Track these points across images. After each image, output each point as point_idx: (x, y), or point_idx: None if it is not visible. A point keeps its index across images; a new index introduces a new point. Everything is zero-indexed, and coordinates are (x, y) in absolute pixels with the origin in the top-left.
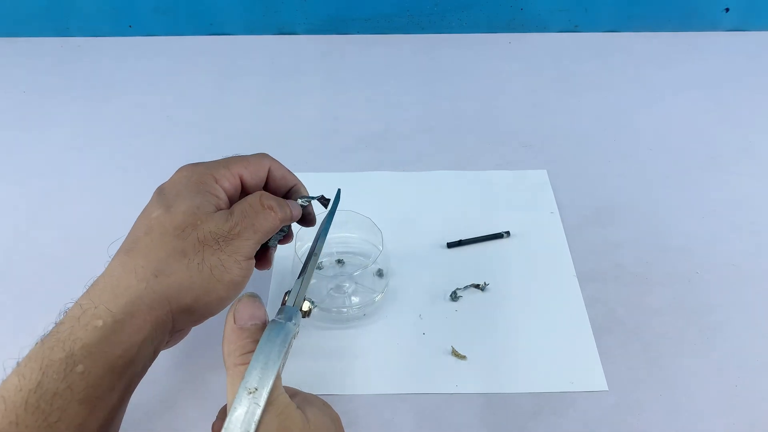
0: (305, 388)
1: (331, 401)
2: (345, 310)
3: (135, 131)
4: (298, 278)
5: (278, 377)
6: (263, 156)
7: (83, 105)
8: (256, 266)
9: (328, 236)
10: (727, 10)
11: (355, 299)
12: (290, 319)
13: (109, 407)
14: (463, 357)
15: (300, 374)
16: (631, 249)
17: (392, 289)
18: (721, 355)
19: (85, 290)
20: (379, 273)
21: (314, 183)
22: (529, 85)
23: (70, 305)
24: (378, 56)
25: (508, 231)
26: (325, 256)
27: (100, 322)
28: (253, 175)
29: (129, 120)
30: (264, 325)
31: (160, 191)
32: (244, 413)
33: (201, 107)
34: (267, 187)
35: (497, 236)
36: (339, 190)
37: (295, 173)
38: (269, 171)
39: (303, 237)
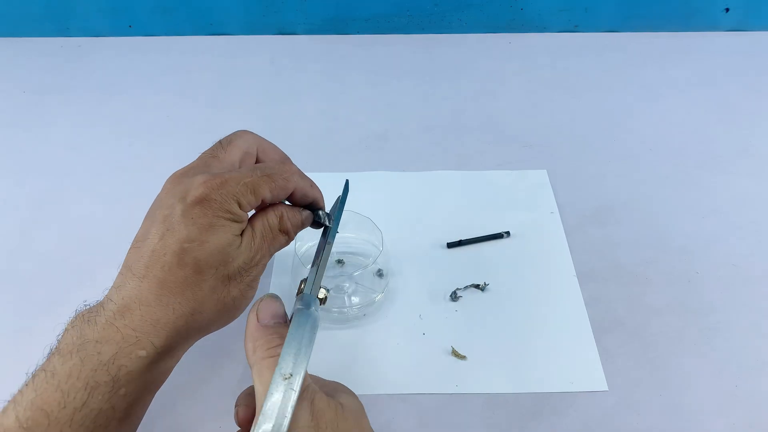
0: None
1: None
2: (345, 310)
3: (135, 131)
4: (312, 266)
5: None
6: (291, 174)
7: (83, 105)
8: None
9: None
10: (727, 10)
11: (354, 299)
12: (310, 307)
13: (139, 420)
14: (463, 357)
15: None
16: (631, 249)
17: (392, 290)
18: (721, 355)
19: (110, 302)
20: (379, 273)
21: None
22: (529, 85)
23: (83, 306)
24: (378, 56)
25: (508, 231)
26: None
27: (143, 353)
28: (275, 197)
29: (129, 120)
30: (285, 323)
31: (185, 213)
32: (281, 399)
33: (201, 107)
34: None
35: (497, 236)
36: (347, 181)
37: None
38: (293, 191)
39: (303, 237)
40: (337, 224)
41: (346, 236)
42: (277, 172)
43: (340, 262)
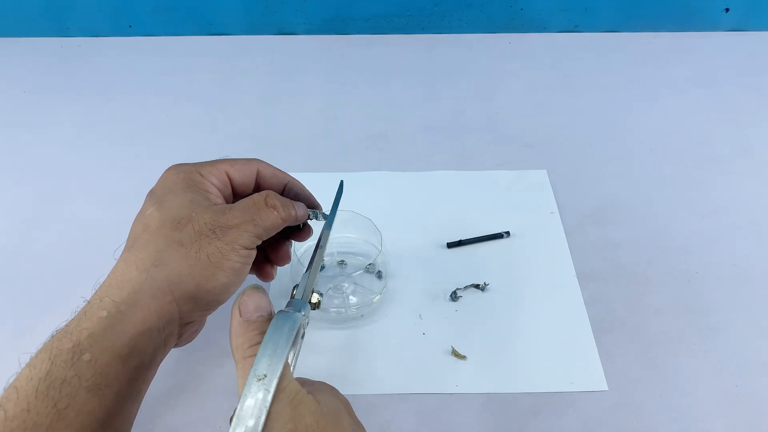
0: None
1: None
2: (343, 310)
3: (135, 131)
4: (306, 272)
5: (287, 366)
6: (251, 159)
7: (83, 105)
8: (276, 262)
9: (331, 236)
10: (727, 10)
11: (353, 299)
12: (299, 311)
13: (116, 395)
14: (463, 357)
15: (300, 374)
16: (631, 249)
17: (392, 289)
18: (721, 355)
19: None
20: (378, 274)
21: (314, 183)
22: (529, 85)
23: (81, 305)
24: (378, 56)
25: (508, 231)
26: (327, 257)
27: (104, 313)
28: (241, 174)
29: (129, 120)
30: (270, 317)
31: (152, 193)
32: (255, 400)
33: (201, 107)
34: (260, 187)
35: (497, 236)
36: (342, 182)
37: (295, 173)
38: (258, 171)
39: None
40: (330, 227)
41: (347, 237)
42: (238, 158)
43: (342, 263)
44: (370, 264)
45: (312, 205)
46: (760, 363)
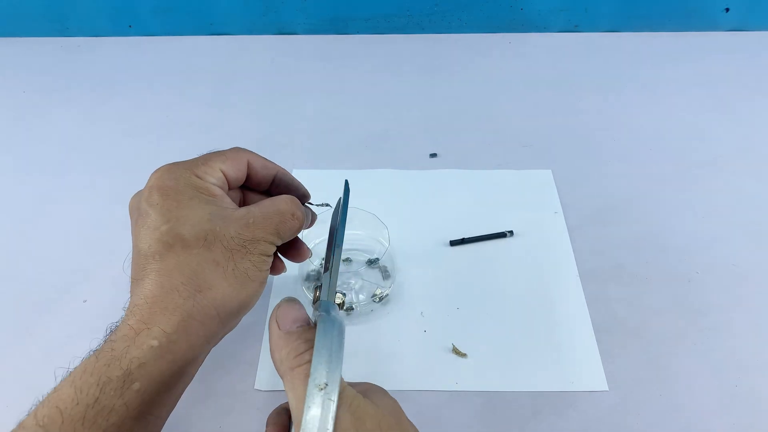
0: None
1: None
2: (354, 306)
3: (135, 131)
4: (325, 272)
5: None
6: (239, 149)
7: (83, 105)
8: (294, 259)
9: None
10: (727, 10)
11: (361, 296)
12: (330, 312)
13: (157, 420)
14: (464, 355)
15: None
16: (632, 249)
17: (394, 287)
18: (721, 355)
19: (125, 312)
20: (385, 270)
21: (315, 180)
22: (529, 85)
23: (115, 325)
24: (378, 56)
25: (512, 230)
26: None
27: (155, 342)
28: (233, 169)
29: (129, 120)
30: (308, 326)
31: (150, 201)
32: (320, 411)
33: (201, 107)
34: (250, 179)
35: (500, 235)
36: (347, 182)
37: (295, 171)
38: (249, 163)
39: (306, 236)
40: (343, 227)
41: (352, 233)
42: (226, 150)
43: (347, 260)
44: (371, 259)
45: (303, 196)
46: (760, 363)
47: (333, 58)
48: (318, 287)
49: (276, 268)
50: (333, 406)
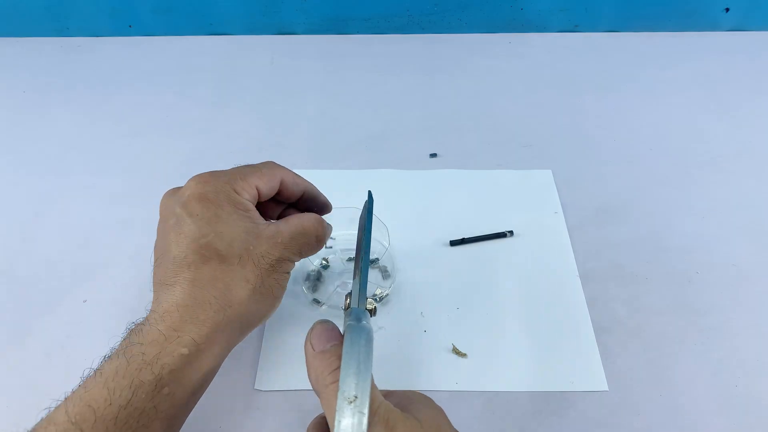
0: (305, 384)
1: None
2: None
3: (135, 131)
4: (355, 279)
5: (373, 384)
6: (274, 166)
7: (83, 105)
8: None
9: (336, 234)
10: (727, 10)
11: None
12: (360, 321)
13: (182, 423)
14: (464, 355)
15: (301, 370)
16: (632, 249)
17: (394, 287)
18: (721, 355)
19: (152, 314)
20: (385, 270)
21: (315, 180)
22: (529, 85)
23: (134, 324)
24: (378, 56)
25: (512, 230)
26: (331, 255)
27: (186, 351)
28: (268, 186)
29: (129, 120)
30: (341, 344)
31: (189, 210)
32: (351, 425)
33: (201, 107)
34: (280, 194)
35: (500, 235)
36: (370, 192)
37: (295, 171)
38: (282, 180)
39: None
40: (369, 234)
41: (353, 233)
42: (261, 164)
43: (351, 260)
44: (371, 259)
45: (325, 206)
46: (760, 363)
47: (333, 58)
48: (348, 294)
49: None
50: (364, 420)
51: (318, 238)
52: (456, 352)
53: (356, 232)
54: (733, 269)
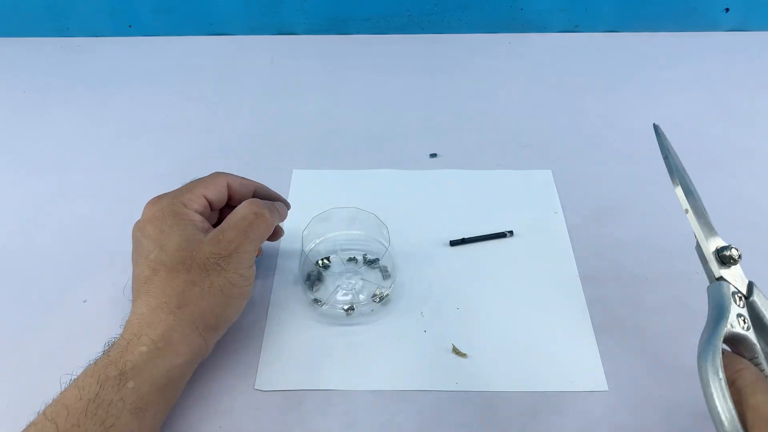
0: (305, 384)
1: (330, 397)
2: (354, 306)
3: (135, 131)
4: (687, 214)
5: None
6: (218, 174)
7: (83, 105)
8: (269, 239)
9: (336, 233)
10: (727, 10)
11: (361, 296)
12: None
13: (153, 417)
14: (464, 355)
15: (301, 370)
16: (632, 249)
17: (394, 287)
18: None
19: (121, 329)
20: (385, 269)
21: (316, 180)
22: (529, 85)
23: (113, 340)
24: (378, 56)
25: (512, 230)
26: (332, 255)
27: (144, 348)
28: (215, 193)
29: (129, 120)
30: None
31: (143, 232)
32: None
33: (201, 107)
34: (232, 198)
35: (500, 235)
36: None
37: (295, 171)
38: (228, 184)
39: (307, 237)
40: (675, 160)
41: (353, 233)
42: (207, 175)
43: (353, 259)
44: (371, 259)
45: (279, 201)
46: None
47: (333, 58)
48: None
49: (275, 233)
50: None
51: (257, 214)
52: (456, 352)
53: (356, 232)
54: None
